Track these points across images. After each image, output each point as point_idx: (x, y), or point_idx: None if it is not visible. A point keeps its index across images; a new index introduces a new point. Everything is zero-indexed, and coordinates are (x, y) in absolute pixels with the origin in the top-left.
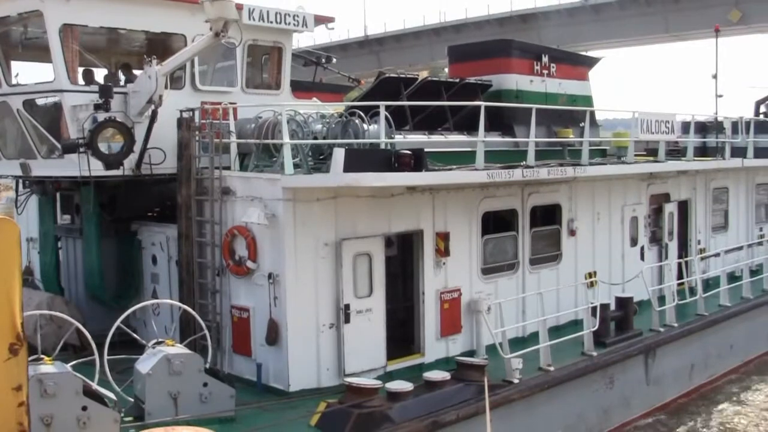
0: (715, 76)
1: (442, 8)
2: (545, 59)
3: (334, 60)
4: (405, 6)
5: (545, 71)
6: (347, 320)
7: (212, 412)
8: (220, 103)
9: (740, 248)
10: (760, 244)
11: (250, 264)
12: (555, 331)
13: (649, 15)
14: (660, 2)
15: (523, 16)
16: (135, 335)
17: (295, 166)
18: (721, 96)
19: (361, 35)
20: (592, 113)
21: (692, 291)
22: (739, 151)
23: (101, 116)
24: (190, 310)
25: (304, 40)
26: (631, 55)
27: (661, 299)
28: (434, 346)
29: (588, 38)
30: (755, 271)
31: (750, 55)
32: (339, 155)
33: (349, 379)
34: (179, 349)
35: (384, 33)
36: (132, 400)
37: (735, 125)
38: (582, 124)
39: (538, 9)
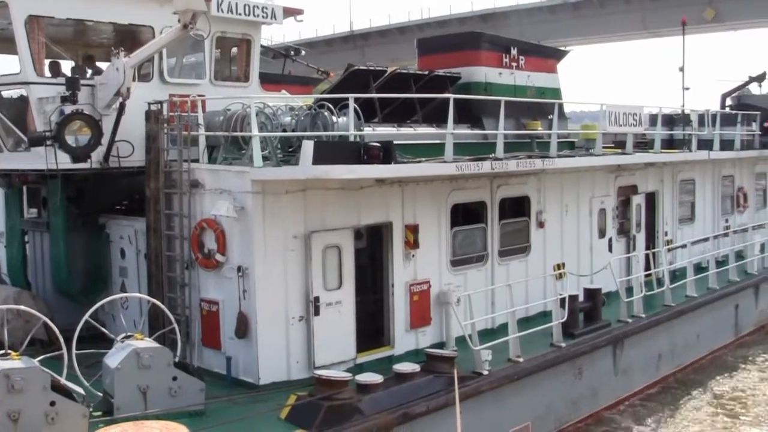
0: (682, 69)
1: (426, 4)
2: (514, 52)
3: (303, 52)
4: (391, 2)
5: (514, 64)
6: (317, 313)
7: (182, 406)
8: (188, 96)
9: (706, 239)
10: (725, 235)
11: (219, 257)
12: (524, 322)
13: (627, 13)
14: (638, 0)
15: (505, 12)
16: (103, 329)
17: (264, 158)
18: (688, 89)
19: (347, 30)
20: (561, 106)
21: (659, 282)
22: (705, 144)
23: (68, 109)
24: (158, 303)
25: (290, 35)
26: (608, 50)
27: (629, 290)
28: (404, 338)
29: (568, 35)
30: (721, 262)
31: (720, 50)
32: (308, 148)
33: (319, 372)
34: (148, 343)
35: (369, 28)
36: (101, 394)
37: (702, 118)
38: (550, 117)
39: (520, 6)
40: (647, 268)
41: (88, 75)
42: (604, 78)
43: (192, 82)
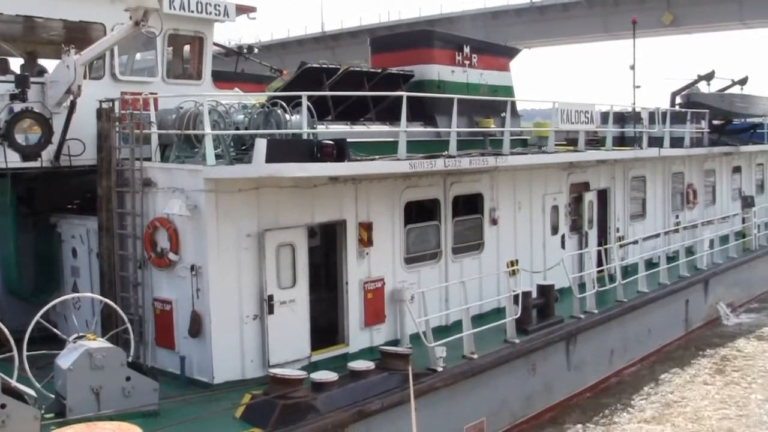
0: (632, 68)
1: (397, 7)
2: (467, 50)
3: (256, 50)
4: (363, 4)
5: (467, 62)
6: (271, 311)
7: (136, 407)
8: (140, 94)
9: (657, 236)
10: (676, 231)
11: (172, 256)
12: (478, 319)
13: (589, 17)
14: (600, 5)
15: (473, 15)
16: (55, 330)
17: (217, 156)
18: (639, 87)
19: (318, 31)
20: (513, 103)
21: (611, 278)
22: (655, 141)
23: (18, 107)
24: (111, 303)
25: (263, 35)
26: (571, 51)
27: (582, 286)
28: (358, 335)
29: (533, 36)
30: (672, 258)
31: (675, 52)
32: (261, 146)
33: (273, 370)
34: (101, 343)
35: (340, 29)
36: (53, 396)
37: (652, 116)
38: (503, 114)
39: (487, 9)
40: (599, 264)
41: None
42: (566, 78)
43: (144, 80)
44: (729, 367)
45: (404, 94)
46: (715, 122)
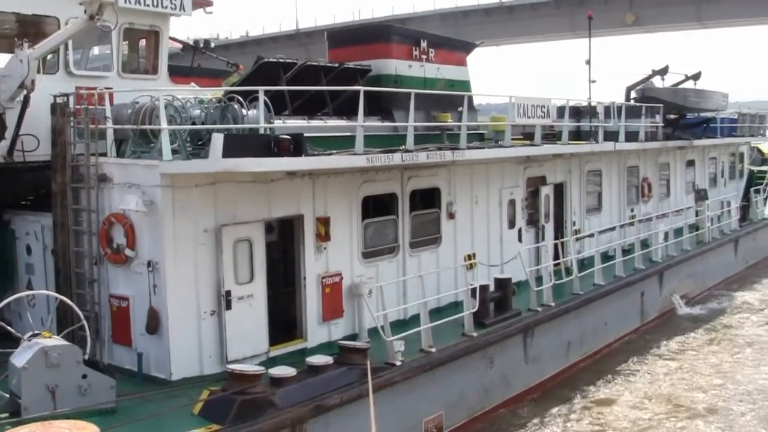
0: (588, 62)
1: (370, 6)
2: (424, 44)
3: (212, 45)
4: (337, 3)
5: (424, 56)
6: (228, 307)
7: (92, 405)
8: (95, 88)
9: (613, 229)
10: (631, 224)
11: (128, 252)
12: (436, 313)
13: (556, 16)
14: (566, 5)
15: (443, 14)
16: (9, 328)
17: (174, 152)
18: (594, 81)
19: (293, 29)
20: (470, 98)
21: (568, 271)
22: (611, 135)
23: None
24: (67, 300)
25: (238, 32)
26: (538, 49)
27: (539, 280)
28: (316, 330)
29: (503, 35)
30: (627, 251)
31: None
32: (217, 141)
33: (231, 366)
34: (56, 340)
35: (314, 27)
36: (7, 395)
37: (607, 110)
38: (460, 109)
39: (458, 8)
40: (556, 257)
41: None
42: (533, 74)
43: (99, 74)
44: (683, 357)
45: (361, 88)
46: (669, 117)
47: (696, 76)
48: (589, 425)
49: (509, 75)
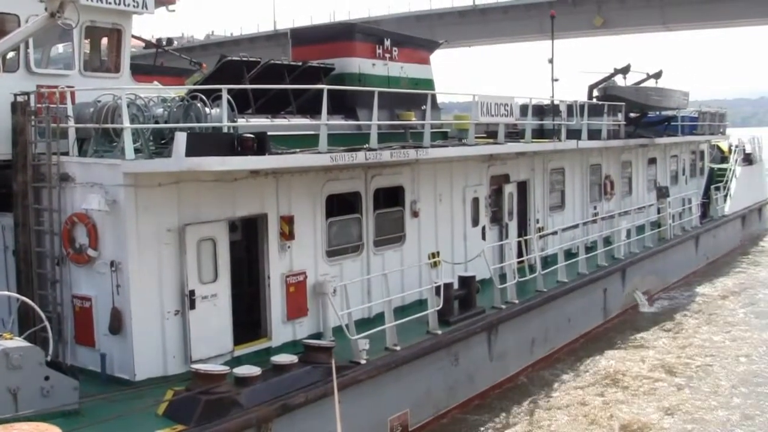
0: (551, 61)
1: (347, 8)
2: (387, 43)
3: (175, 43)
4: (315, 4)
5: (387, 55)
6: (192, 306)
7: (55, 406)
8: (56, 87)
9: (576, 226)
10: (594, 222)
11: (91, 252)
12: (400, 311)
13: (527, 19)
14: (536, 9)
15: (418, 16)
16: None
17: (136, 150)
18: (557, 80)
19: (271, 29)
20: (434, 96)
21: (531, 268)
22: (574, 134)
23: None
24: (28, 301)
25: (217, 30)
26: (511, 50)
27: (502, 277)
28: (281, 329)
29: (476, 36)
30: (590, 248)
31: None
32: (181, 139)
33: (196, 366)
34: (18, 342)
35: (292, 28)
36: None
37: (570, 108)
38: (424, 107)
39: (433, 10)
40: (520, 255)
41: None
42: (504, 74)
43: (60, 72)
44: (645, 353)
45: (325, 87)
46: (631, 115)
47: (657, 75)
48: (553, 421)
49: (480, 75)
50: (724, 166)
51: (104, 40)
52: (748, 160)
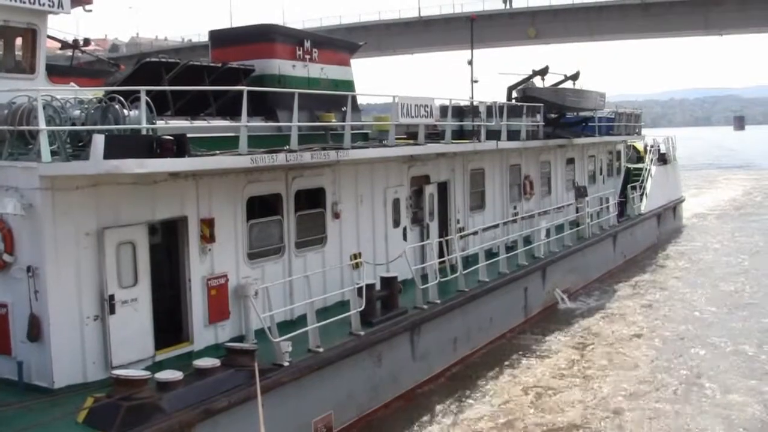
0: (470, 63)
1: (309, 15)
2: (307, 44)
3: (92, 43)
4: (289, 11)
5: (307, 56)
6: (112, 311)
7: None
8: None
9: (496, 226)
10: (514, 221)
11: (6, 257)
12: (323, 312)
13: (467, 29)
14: (476, 20)
15: (366, 27)
16: None
17: (53, 153)
18: (476, 81)
19: None
20: (354, 98)
21: (453, 268)
22: (493, 134)
23: None
24: None
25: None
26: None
27: (424, 277)
28: (203, 333)
29: (419, 45)
30: (510, 248)
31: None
32: (98, 142)
33: (116, 372)
34: None
35: (211, 30)
36: None
37: (489, 109)
38: (344, 109)
39: (381, 21)
40: (441, 255)
41: None
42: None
43: None
44: (564, 348)
45: (244, 88)
46: (549, 116)
47: (575, 77)
48: (477, 419)
49: (417, 81)
50: (640, 165)
51: (18, 40)
52: (662, 159)
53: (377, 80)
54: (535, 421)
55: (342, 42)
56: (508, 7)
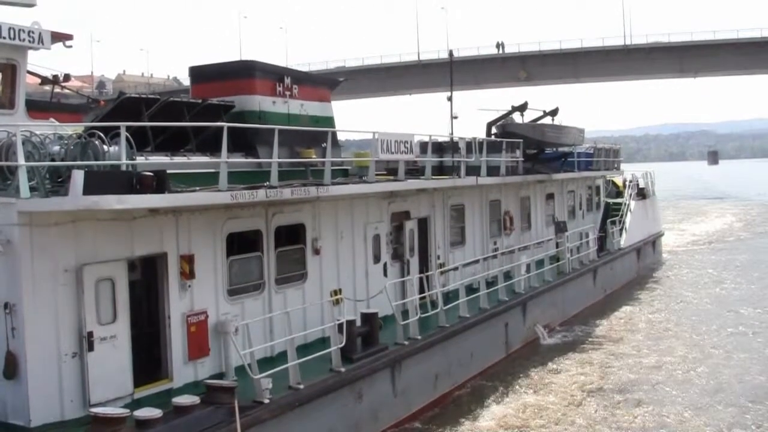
0: (450, 99)
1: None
2: (287, 81)
3: (73, 78)
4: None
5: (287, 92)
6: (91, 348)
7: None
8: None
9: (477, 262)
10: (494, 257)
11: None
12: (303, 349)
13: (463, 73)
14: (470, 64)
15: (369, 69)
16: None
17: (32, 189)
18: (456, 117)
19: None
20: (334, 134)
21: (433, 304)
22: (473, 170)
23: None
24: None
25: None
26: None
27: (405, 313)
28: (182, 370)
29: (419, 86)
30: (491, 283)
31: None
32: (78, 177)
33: (95, 410)
34: None
35: (191, 66)
36: None
37: (469, 145)
38: (324, 145)
39: (382, 65)
40: (421, 291)
41: None
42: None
43: None
44: (547, 383)
45: (224, 124)
46: (529, 151)
47: (554, 112)
48: None
49: (412, 120)
50: (619, 200)
51: None
52: (641, 194)
53: (361, 118)
54: None
55: (322, 78)
56: (500, 52)
